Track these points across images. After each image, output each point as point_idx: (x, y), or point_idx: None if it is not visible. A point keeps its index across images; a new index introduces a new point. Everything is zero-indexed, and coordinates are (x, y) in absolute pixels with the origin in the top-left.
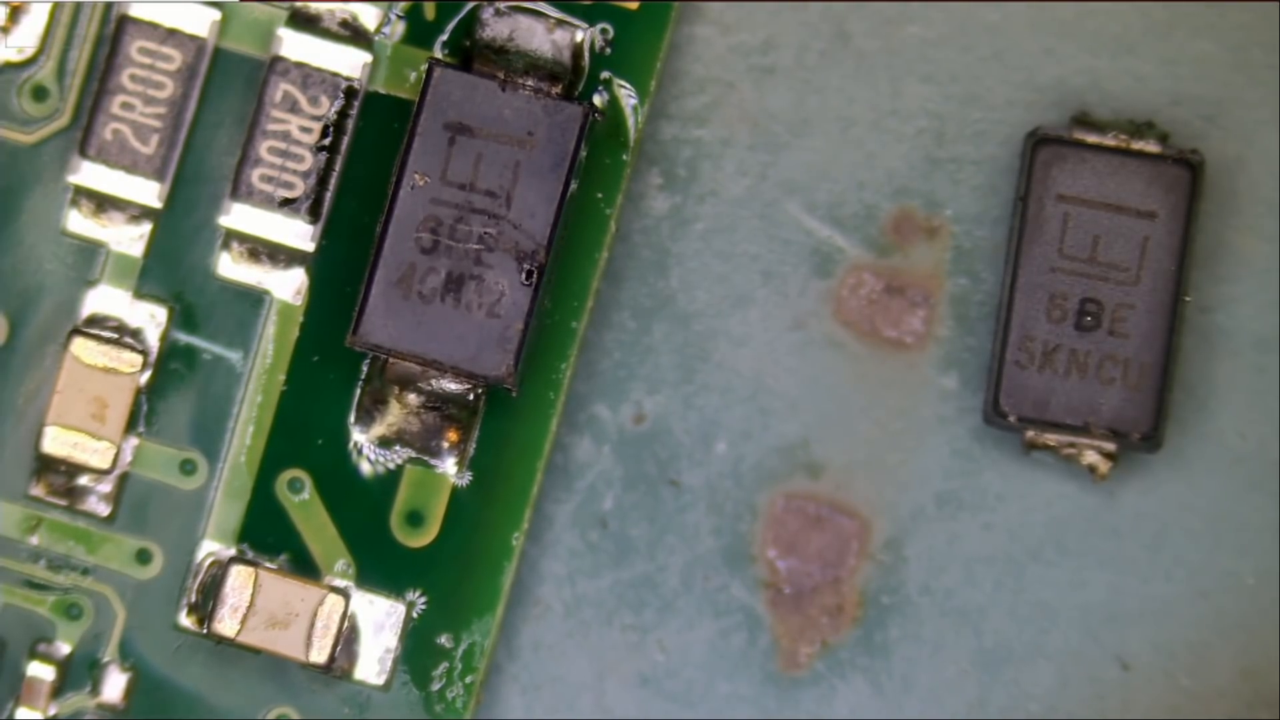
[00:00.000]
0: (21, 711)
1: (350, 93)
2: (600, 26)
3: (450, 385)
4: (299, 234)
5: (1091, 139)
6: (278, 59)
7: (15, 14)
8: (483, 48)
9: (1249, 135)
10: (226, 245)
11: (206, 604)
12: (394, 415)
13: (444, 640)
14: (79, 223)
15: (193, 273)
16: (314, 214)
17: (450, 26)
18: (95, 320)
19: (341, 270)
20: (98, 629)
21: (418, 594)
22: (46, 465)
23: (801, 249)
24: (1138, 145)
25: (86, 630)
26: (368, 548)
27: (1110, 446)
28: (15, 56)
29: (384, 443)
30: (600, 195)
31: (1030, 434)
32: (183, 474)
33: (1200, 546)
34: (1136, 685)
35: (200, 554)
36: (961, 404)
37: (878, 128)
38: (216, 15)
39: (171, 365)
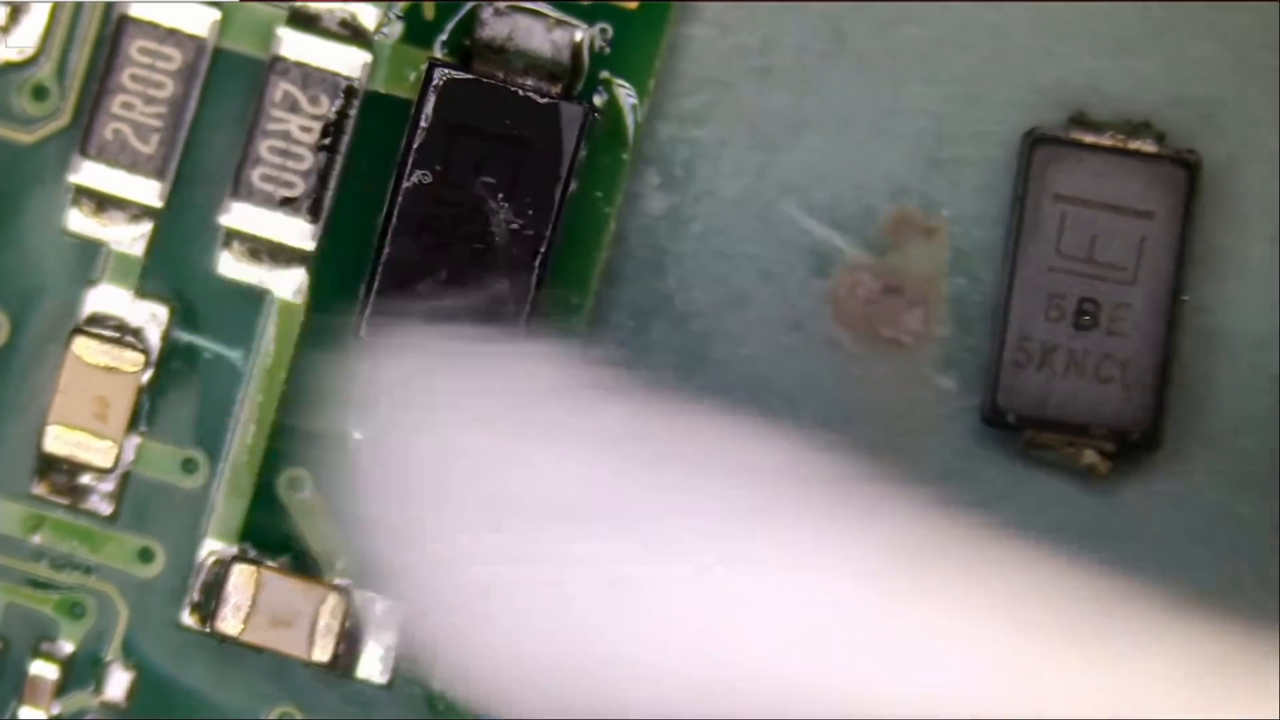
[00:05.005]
0: (25, 710)
1: (350, 92)
2: (600, 26)
3: None
4: (299, 233)
5: (1088, 139)
6: (278, 59)
7: (15, 14)
8: (482, 47)
9: (1246, 135)
10: (227, 244)
11: (209, 603)
12: None
13: None
14: (80, 222)
15: (193, 272)
16: (314, 213)
17: (450, 26)
18: (96, 319)
19: (342, 270)
20: (100, 628)
21: None
22: (49, 464)
23: (800, 249)
24: (1135, 145)
25: (89, 629)
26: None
27: (1109, 446)
28: (15, 56)
29: None
30: (600, 195)
31: (1029, 434)
32: (184, 473)
33: (1200, 546)
34: None
35: (202, 553)
36: (960, 404)
37: (877, 128)
38: (216, 15)
39: (173, 364)
